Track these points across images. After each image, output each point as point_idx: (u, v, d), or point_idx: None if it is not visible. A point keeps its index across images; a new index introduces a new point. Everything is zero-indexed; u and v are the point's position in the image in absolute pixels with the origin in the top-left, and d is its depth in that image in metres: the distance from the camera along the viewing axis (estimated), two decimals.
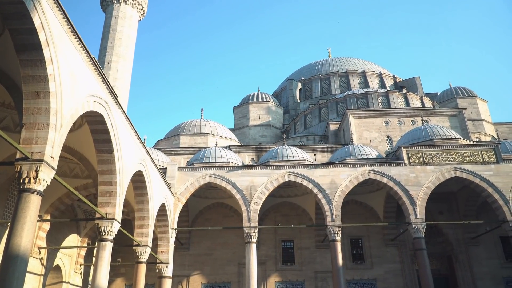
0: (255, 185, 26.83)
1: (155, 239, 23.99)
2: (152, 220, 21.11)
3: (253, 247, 25.51)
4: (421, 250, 25.65)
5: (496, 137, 40.42)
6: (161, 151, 34.37)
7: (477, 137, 40.97)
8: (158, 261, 24.22)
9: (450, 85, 51.63)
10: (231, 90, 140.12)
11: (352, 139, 35.32)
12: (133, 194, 20.12)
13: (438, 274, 30.51)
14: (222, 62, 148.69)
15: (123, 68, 25.91)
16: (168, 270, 24.50)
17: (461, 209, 31.86)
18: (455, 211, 32.04)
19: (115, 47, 26.00)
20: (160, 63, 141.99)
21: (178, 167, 27.46)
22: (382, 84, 53.97)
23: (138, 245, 20.50)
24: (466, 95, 48.65)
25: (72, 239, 26.22)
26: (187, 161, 32.72)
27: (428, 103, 46.47)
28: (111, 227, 15.48)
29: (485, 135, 42.79)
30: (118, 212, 15.69)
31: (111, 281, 29.09)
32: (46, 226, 22.08)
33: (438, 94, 51.73)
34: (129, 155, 16.70)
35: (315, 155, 35.71)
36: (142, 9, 29.06)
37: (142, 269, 20.89)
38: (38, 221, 16.78)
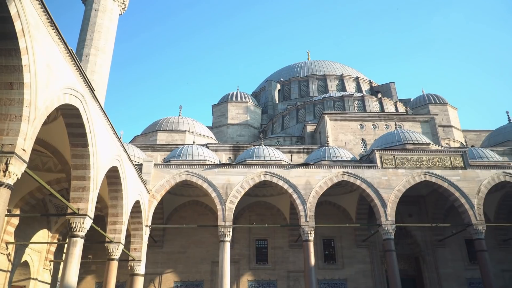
0: (231, 184, 26.94)
1: (128, 236, 23.77)
2: (126, 217, 20.93)
3: (227, 245, 25.61)
4: (390, 251, 26.33)
5: (465, 144, 41.87)
6: (137, 147, 34.04)
7: (446, 143, 42.25)
8: (130, 258, 23.99)
9: (423, 91, 53.14)
10: (211, 88, 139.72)
11: (328, 141, 35.87)
12: (107, 190, 19.90)
13: (406, 275, 31.36)
14: (203, 60, 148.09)
15: (102, 62, 25.59)
16: (140, 268, 24.32)
17: (429, 212, 32.84)
18: (424, 214, 33.00)
19: (94, 40, 25.64)
20: (140, 59, 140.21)
21: (155, 164, 27.29)
22: (359, 88, 54.97)
23: (111, 242, 20.30)
24: (438, 102, 50.16)
25: (42, 235, 25.68)
26: (164, 158, 32.54)
27: (401, 108, 47.60)
28: (83, 223, 15.30)
29: (454, 141, 44.20)
30: (90, 208, 15.53)
31: (81, 279, 28.65)
32: (15, 220, 21.55)
33: (412, 100, 53.12)
34: (104, 150, 16.55)
35: (291, 155, 36.10)
36: (123, 3, 28.75)
37: (114, 266, 20.69)
38: (6, 215, 16.41)
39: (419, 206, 33.39)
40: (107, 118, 16.77)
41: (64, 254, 23.88)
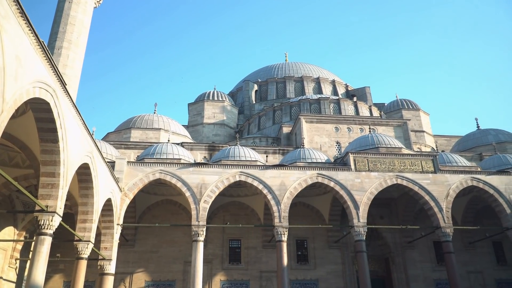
0: (206, 184, 26.78)
1: (98, 234, 23.27)
2: (97, 215, 20.50)
3: (200, 245, 25.44)
4: (362, 252, 26.76)
5: (435, 149, 42.96)
6: (110, 144, 33.44)
7: (418, 148, 43.26)
8: (100, 257, 23.52)
9: (397, 96, 54.27)
10: (187, 87, 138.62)
11: (303, 143, 36.16)
12: (78, 187, 19.44)
13: (376, 276, 31.94)
14: (180, 58, 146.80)
15: (74, 56, 24.96)
16: (110, 267, 23.87)
17: (400, 214, 33.55)
18: (395, 216, 33.70)
19: (67, 33, 24.98)
20: (116, 55, 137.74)
21: (128, 162, 26.84)
22: (335, 91, 55.65)
23: (80, 240, 19.83)
24: (411, 107, 51.35)
25: (8, 232, 24.87)
26: (138, 156, 32.07)
27: (376, 112, 48.45)
28: (52, 220, 14.88)
29: (425, 146, 45.31)
30: (60, 205, 15.12)
31: (48, 278, 27.90)
32: None
33: (386, 104, 54.15)
34: (75, 146, 16.16)
35: (267, 156, 36.20)
36: None
37: (83, 265, 20.23)
38: None
39: (390, 209, 34.07)
40: (79, 113, 16.38)
41: (31, 252, 23.22)
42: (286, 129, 43.18)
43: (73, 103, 15.59)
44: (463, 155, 37.36)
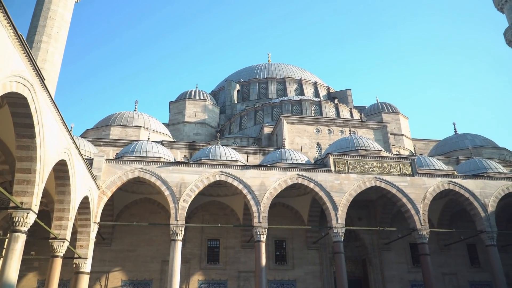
0: (186, 183, 26.62)
1: (74, 232, 22.89)
2: (73, 213, 20.13)
3: (179, 244, 25.27)
4: (339, 253, 27.05)
5: (413, 152, 43.75)
6: (89, 141, 32.91)
7: (397, 151, 43.98)
8: (76, 256, 23.10)
9: (377, 100, 55.03)
10: (169, 85, 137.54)
11: (284, 144, 36.30)
12: (54, 184, 19.06)
13: (353, 276, 32.34)
14: (162, 56, 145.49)
15: (54, 50, 24.43)
16: (86, 266, 23.46)
17: (378, 216, 34.04)
18: (373, 218, 34.17)
19: (47, 27, 24.42)
20: (97, 50, 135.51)
21: (106, 159, 26.44)
22: (316, 93, 56.06)
23: (55, 238, 19.45)
24: (391, 111, 52.15)
25: None
26: (116, 154, 31.64)
27: (356, 115, 49.02)
28: (27, 217, 14.55)
29: (404, 149, 46.11)
30: (35, 202, 14.79)
31: (22, 276, 27.28)
32: None
33: (366, 107, 54.87)
34: (52, 142, 15.83)
35: (247, 156, 36.20)
36: None
37: (58, 263, 19.85)
38: None
39: (368, 210, 34.52)
40: (57, 109, 16.05)
41: (4, 250, 22.65)
42: (267, 130, 43.29)
43: (52, 99, 15.28)
44: (440, 159, 38.14)
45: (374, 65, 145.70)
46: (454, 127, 48.50)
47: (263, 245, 26.32)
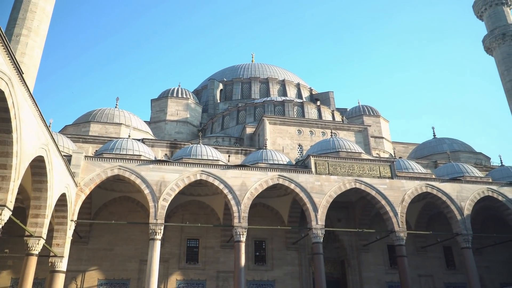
0: (166, 181, 26.37)
1: (50, 230, 22.38)
2: (50, 210, 19.69)
3: (157, 244, 25.02)
4: (318, 255, 27.23)
5: (393, 155, 44.39)
6: (68, 137, 32.31)
7: (377, 153, 44.56)
8: (52, 254, 22.61)
9: (359, 103, 55.63)
10: (151, 83, 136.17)
11: (266, 144, 36.34)
12: (31, 180, 18.61)
13: (331, 277, 32.58)
14: (145, 54, 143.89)
15: (34, 44, 23.87)
16: (62, 264, 22.98)
17: (357, 218, 34.41)
18: (352, 220, 34.52)
19: (27, 20, 23.83)
20: (78, 46, 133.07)
21: (85, 156, 25.97)
22: (299, 95, 56.34)
23: (31, 236, 18.99)
24: (372, 114, 52.79)
25: None
26: (96, 151, 31.15)
27: (338, 117, 49.45)
28: (1, 214, 14.15)
29: (384, 152, 46.74)
30: (10, 198, 14.40)
31: None
32: None
33: (348, 110, 55.39)
34: (30, 138, 15.45)
35: (229, 156, 36.12)
36: None
37: (33, 262, 19.38)
38: None
39: (348, 212, 34.84)
40: (36, 104, 15.68)
41: None
42: (249, 130, 43.28)
43: (30, 93, 14.93)
44: (419, 162, 38.78)
45: (357, 68, 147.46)
46: (433, 131, 49.46)
47: (243, 245, 26.29)
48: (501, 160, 38.60)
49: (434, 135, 49.23)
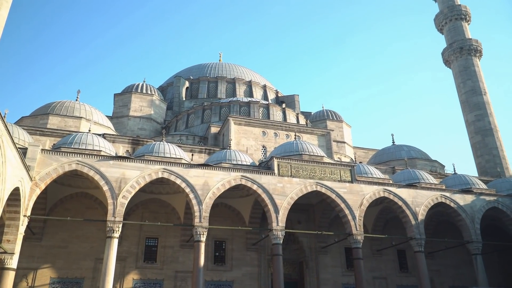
0: (126, 178, 25.83)
1: (1, 226, 21.48)
2: (1, 205, 18.80)
3: (115, 242, 24.44)
4: (278, 256, 27.50)
5: (354, 159, 45.52)
6: (24, 129, 31.04)
7: (338, 157, 45.48)
8: (1, 250, 21.59)
9: (323, 107, 56.61)
10: (115, 77, 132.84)
11: (230, 144, 36.29)
12: None
13: (289, 279, 32.93)
14: (110, 46, 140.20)
15: None
16: (12, 262, 21.97)
17: (317, 220, 35.00)
18: (312, 222, 35.07)
19: None
20: (40, 33, 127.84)
21: (42, 149, 24.99)
22: (265, 96, 56.68)
23: None
24: (335, 118, 53.87)
25: None
26: (54, 144, 30.05)
27: (302, 120, 50.10)
28: None
29: (345, 156, 47.80)
30: None
31: None
32: None
33: (312, 113, 56.24)
34: None
35: (192, 155, 35.81)
36: None
37: None
38: None
39: (308, 214, 35.36)
40: None
41: None
42: (214, 129, 43.09)
43: None
44: (378, 167, 39.89)
45: (322, 73, 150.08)
46: (392, 138, 51.02)
47: (203, 245, 26.16)
48: (454, 168, 40.40)
49: (393, 142, 50.79)
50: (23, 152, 22.76)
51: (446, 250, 35.78)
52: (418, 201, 32.22)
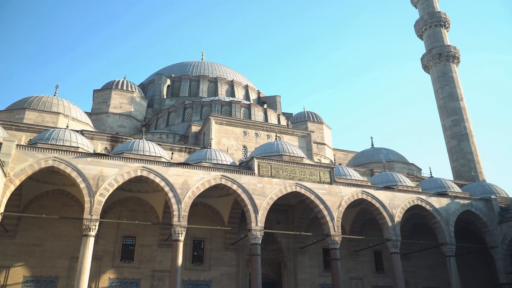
0: (104, 176, 25.44)
1: None
2: None
3: (91, 240, 24.05)
4: (256, 256, 27.55)
5: (333, 161, 45.97)
6: None
7: (318, 159, 45.86)
8: None
9: (304, 108, 56.99)
10: (95, 73, 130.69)
11: (210, 144, 36.17)
12: None
13: (267, 279, 33.02)
14: (91, 42, 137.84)
15: None
16: None
17: (295, 221, 35.20)
18: (291, 222, 35.25)
19: None
20: (21, 29, 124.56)
21: (17, 145, 24.39)
22: (247, 96, 56.69)
23: None
24: (316, 120, 54.30)
25: None
26: (30, 140, 29.37)
27: (283, 121, 50.33)
28: None
29: (325, 158, 48.23)
30: None
31: None
32: None
33: (293, 115, 56.55)
34: None
35: (172, 153, 35.55)
36: None
37: None
38: None
39: (287, 215, 35.52)
40: None
41: None
42: (195, 128, 42.87)
43: None
44: (357, 169, 40.39)
45: (304, 75, 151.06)
46: (371, 140, 51.77)
47: (181, 245, 26.00)
48: (430, 172, 41.30)
49: (372, 145, 51.52)
50: None
51: (421, 252, 36.51)
52: (395, 203, 32.76)
